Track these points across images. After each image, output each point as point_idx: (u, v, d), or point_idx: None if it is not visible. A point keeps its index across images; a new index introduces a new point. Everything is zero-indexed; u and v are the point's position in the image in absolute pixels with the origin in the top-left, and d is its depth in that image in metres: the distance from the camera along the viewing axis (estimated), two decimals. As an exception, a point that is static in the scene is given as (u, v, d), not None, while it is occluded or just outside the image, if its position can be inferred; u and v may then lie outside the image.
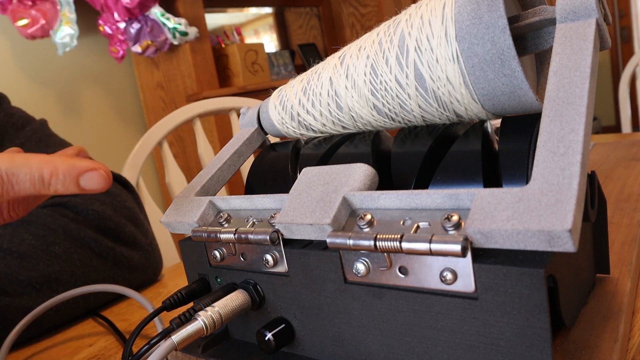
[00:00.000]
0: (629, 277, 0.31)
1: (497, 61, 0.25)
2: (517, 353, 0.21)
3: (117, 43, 1.78)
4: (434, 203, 0.23)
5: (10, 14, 1.63)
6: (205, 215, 0.32)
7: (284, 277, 0.28)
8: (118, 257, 0.52)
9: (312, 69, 0.35)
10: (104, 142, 2.04)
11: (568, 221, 0.18)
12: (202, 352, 0.32)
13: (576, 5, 0.25)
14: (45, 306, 0.43)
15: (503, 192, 0.21)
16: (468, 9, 0.26)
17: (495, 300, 0.21)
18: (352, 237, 0.24)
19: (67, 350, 0.43)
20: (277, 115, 0.37)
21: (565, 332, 0.27)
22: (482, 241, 0.20)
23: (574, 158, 0.20)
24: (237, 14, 2.55)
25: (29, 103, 1.80)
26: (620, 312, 0.28)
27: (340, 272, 0.26)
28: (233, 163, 0.37)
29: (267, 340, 0.28)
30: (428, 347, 0.24)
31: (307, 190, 0.27)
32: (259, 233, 0.27)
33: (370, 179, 0.27)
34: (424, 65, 0.28)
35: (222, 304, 0.29)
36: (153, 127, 0.99)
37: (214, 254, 0.32)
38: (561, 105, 0.22)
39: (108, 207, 0.54)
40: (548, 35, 0.28)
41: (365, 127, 0.33)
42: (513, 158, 0.25)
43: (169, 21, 1.76)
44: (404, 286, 0.24)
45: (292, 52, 2.57)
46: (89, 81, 2.02)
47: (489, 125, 0.29)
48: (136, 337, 0.31)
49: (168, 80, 2.00)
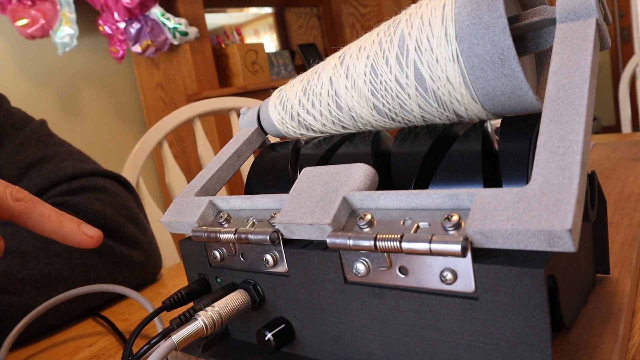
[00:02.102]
0: (629, 277, 0.31)
1: (497, 61, 0.25)
2: (517, 353, 0.21)
3: (117, 43, 1.78)
4: (434, 203, 0.23)
5: (10, 14, 1.63)
6: (205, 215, 0.32)
7: (284, 277, 0.28)
8: (118, 256, 0.53)
9: (312, 69, 0.35)
10: (104, 142, 2.04)
11: (568, 221, 0.18)
12: (202, 352, 0.32)
13: (576, 5, 0.25)
14: (46, 306, 0.43)
15: (503, 192, 0.21)
16: (468, 9, 0.26)
17: (495, 300, 0.21)
18: (352, 237, 0.24)
19: (67, 350, 0.43)
20: (277, 115, 0.37)
21: (565, 332, 0.27)
22: (482, 241, 0.20)
23: (574, 158, 0.20)
24: (237, 14, 2.55)
25: (28, 103, 1.80)
26: (620, 312, 0.28)
27: (340, 272, 0.26)
28: (233, 163, 0.37)
29: (267, 340, 0.28)
30: (428, 347, 0.24)
31: (307, 190, 0.27)
32: (259, 233, 0.27)
33: (370, 179, 0.27)
34: (424, 65, 0.28)
35: (222, 304, 0.29)
36: (153, 127, 0.99)
37: (214, 254, 0.32)
38: (561, 105, 0.22)
39: (108, 207, 0.54)
40: (548, 35, 0.28)
41: (365, 127, 0.33)
42: (513, 158, 0.25)
43: (169, 21, 1.76)
44: (404, 286, 0.24)
45: (292, 52, 2.57)
46: (89, 81, 2.02)
47: (489, 125, 0.29)
48: (136, 337, 0.31)
49: (168, 80, 2.00)
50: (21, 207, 0.33)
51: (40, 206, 0.34)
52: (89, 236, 0.35)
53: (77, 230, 0.34)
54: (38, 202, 0.34)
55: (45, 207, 0.34)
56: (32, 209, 0.33)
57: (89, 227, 0.35)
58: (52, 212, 0.34)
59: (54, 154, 0.57)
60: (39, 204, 0.34)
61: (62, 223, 0.34)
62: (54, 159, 0.56)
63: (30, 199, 0.34)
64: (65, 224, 0.34)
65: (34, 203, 0.34)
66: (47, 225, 0.34)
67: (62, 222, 0.34)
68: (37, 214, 0.34)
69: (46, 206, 0.34)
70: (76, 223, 0.35)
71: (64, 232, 0.34)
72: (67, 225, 0.34)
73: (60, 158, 0.57)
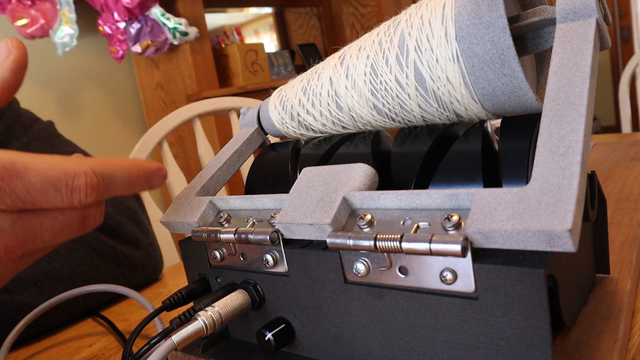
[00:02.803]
0: (629, 277, 0.31)
1: (497, 61, 0.25)
2: (517, 353, 0.21)
3: (117, 43, 1.78)
4: (434, 203, 0.23)
5: (10, 14, 1.63)
6: (205, 215, 0.32)
7: (284, 277, 0.28)
8: (119, 255, 0.53)
9: (312, 69, 0.35)
10: (104, 142, 2.04)
11: (568, 221, 0.18)
12: (202, 352, 0.32)
13: (576, 5, 0.25)
14: (46, 305, 0.43)
15: (503, 192, 0.21)
16: (468, 9, 0.26)
17: (495, 300, 0.21)
18: (352, 237, 0.24)
19: (67, 350, 0.43)
20: (277, 115, 0.37)
21: (565, 332, 0.27)
22: (482, 241, 0.20)
23: (574, 158, 0.20)
24: (237, 14, 2.55)
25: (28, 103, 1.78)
26: (620, 312, 0.28)
27: (340, 272, 0.26)
28: (233, 163, 0.37)
29: (267, 340, 0.28)
30: (428, 347, 0.24)
31: (307, 190, 0.27)
32: (259, 233, 0.27)
33: (370, 179, 0.27)
34: (424, 65, 0.28)
35: (222, 304, 0.29)
36: (153, 127, 0.99)
37: (214, 254, 0.32)
38: (561, 105, 0.22)
39: (109, 206, 0.54)
40: (548, 35, 0.28)
41: (365, 127, 0.33)
42: (513, 158, 0.25)
43: (169, 21, 1.76)
44: (404, 286, 0.24)
45: (292, 52, 2.57)
46: (89, 81, 2.02)
47: (489, 125, 0.29)
48: (136, 337, 0.31)
49: (168, 80, 2.00)
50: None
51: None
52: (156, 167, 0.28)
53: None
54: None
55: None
56: (112, 176, 0.26)
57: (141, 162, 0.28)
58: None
59: (59, 154, 0.57)
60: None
61: (138, 166, 0.27)
62: None
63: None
64: (140, 167, 0.27)
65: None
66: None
67: (138, 166, 0.27)
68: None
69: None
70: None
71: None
72: (141, 167, 0.27)
73: None
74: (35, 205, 0.24)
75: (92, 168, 0.25)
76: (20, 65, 0.28)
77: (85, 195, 0.25)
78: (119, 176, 0.26)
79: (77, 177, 0.24)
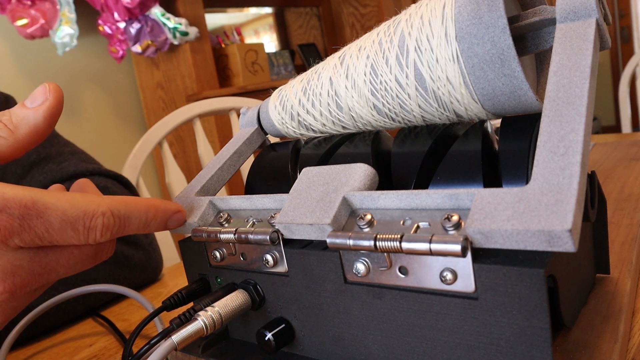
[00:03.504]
0: (629, 277, 0.31)
1: (497, 61, 0.25)
2: (517, 353, 0.21)
3: (117, 43, 1.78)
4: (434, 203, 0.23)
5: (10, 14, 1.63)
6: (205, 215, 0.32)
7: (284, 277, 0.28)
8: (119, 256, 0.53)
9: (312, 69, 0.35)
10: (104, 142, 2.04)
11: (568, 221, 0.18)
12: (202, 352, 0.32)
13: (576, 5, 0.25)
14: (46, 305, 0.43)
15: (503, 192, 0.21)
16: (468, 9, 0.26)
17: (495, 300, 0.21)
18: (352, 237, 0.24)
19: (67, 350, 0.43)
20: (277, 115, 0.37)
21: (565, 332, 0.27)
22: (482, 241, 0.20)
23: (574, 158, 0.20)
24: (237, 14, 2.55)
25: (28, 103, 1.79)
26: (620, 312, 0.28)
27: (340, 272, 0.26)
28: (233, 163, 0.37)
29: (267, 340, 0.28)
30: (428, 347, 0.24)
31: (307, 190, 0.27)
32: (259, 233, 0.27)
33: (370, 179, 0.27)
34: (424, 65, 0.28)
35: (222, 304, 0.29)
36: (153, 127, 0.99)
37: (214, 254, 0.32)
38: (561, 105, 0.22)
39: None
40: (548, 35, 0.28)
41: (365, 127, 0.33)
42: (513, 158, 0.25)
43: (169, 21, 1.76)
44: (404, 286, 0.24)
45: (292, 52, 2.57)
46: (89, 81, 2.02)
47: (489, 125, 0.29)
48: (136, 337, 0.31)
49: (168, 80, 2.00)
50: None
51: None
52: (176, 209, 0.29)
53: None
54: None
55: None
56: (128, 216, 0.27)
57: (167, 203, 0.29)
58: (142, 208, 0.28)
59: (58, 153, 0.57)
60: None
61: (156, 208, 0.28)
62: (58, 158, 0.57)
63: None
64: (158, 208, 0.28)
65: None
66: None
67: (156, 208, 0.28)
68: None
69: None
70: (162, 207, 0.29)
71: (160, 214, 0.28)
72: (159, 210, 0.28)
73: (63, 157, 0.57)
74: (53, 243, 0.25)
75: (110, 208, 0.26)
76: (55, 112, 0.28)
77: (101, 234, 0.26)
78: (135, 217, 0.27)
79: (94, 217, 0.25)
